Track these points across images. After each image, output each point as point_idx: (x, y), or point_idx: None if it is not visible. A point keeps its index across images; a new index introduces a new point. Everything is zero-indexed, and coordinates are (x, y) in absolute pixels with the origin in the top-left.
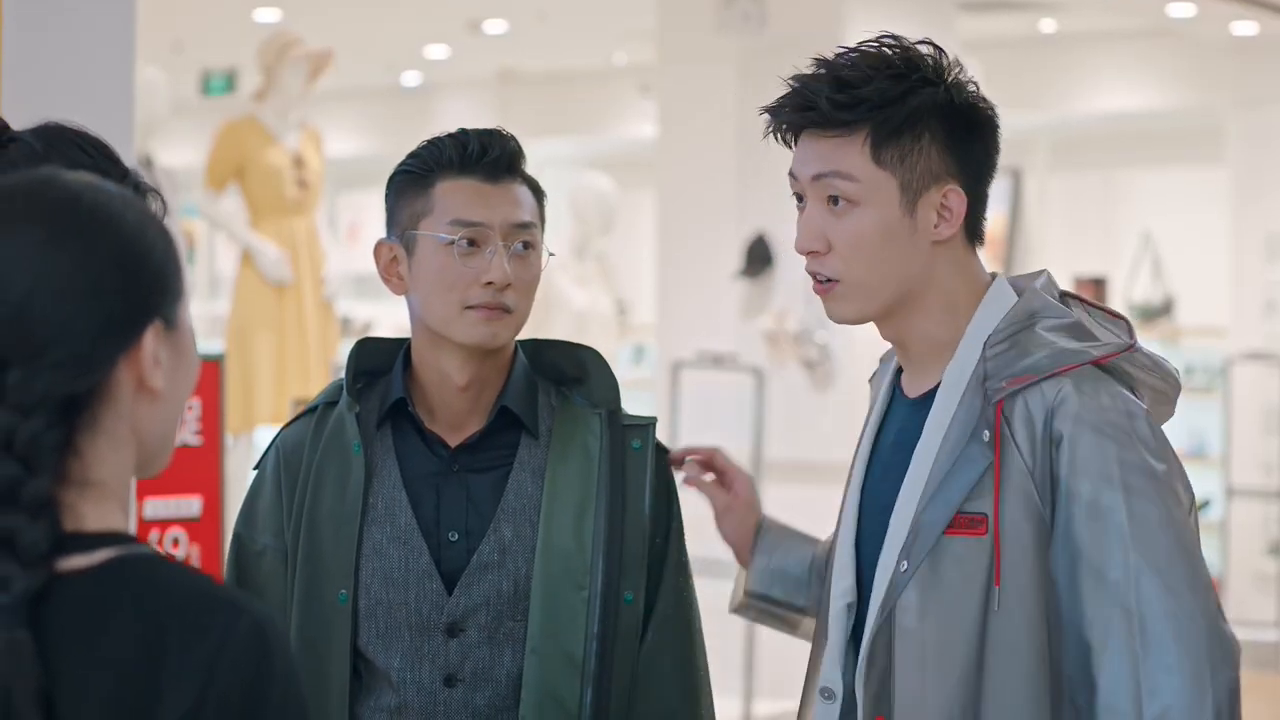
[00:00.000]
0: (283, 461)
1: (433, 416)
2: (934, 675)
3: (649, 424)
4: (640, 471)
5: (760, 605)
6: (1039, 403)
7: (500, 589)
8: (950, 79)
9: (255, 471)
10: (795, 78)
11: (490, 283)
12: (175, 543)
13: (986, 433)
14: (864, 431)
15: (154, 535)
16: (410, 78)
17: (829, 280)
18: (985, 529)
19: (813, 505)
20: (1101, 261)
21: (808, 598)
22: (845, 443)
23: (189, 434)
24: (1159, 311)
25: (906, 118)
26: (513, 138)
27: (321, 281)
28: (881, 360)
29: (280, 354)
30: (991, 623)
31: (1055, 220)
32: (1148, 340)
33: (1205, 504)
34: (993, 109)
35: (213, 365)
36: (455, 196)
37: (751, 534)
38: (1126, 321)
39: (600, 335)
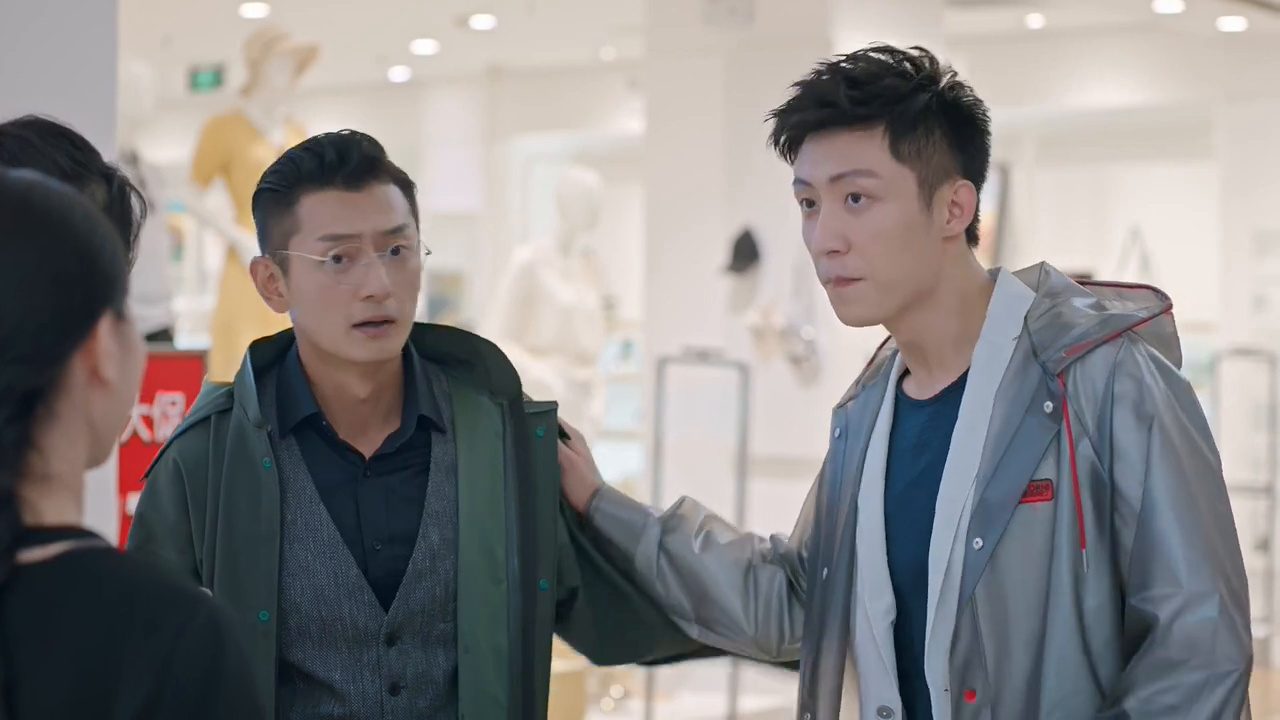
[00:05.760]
0: (185, 477)
1: (337, 424)
2: (1012, 642)
3: (550, 409)
4: (548, 459)
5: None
6: (1098, 366)
7: (434, 595)
8: (947, 81)
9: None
10: (798, 83)
11: (370, 296)
12: None
13: (1049, 404)
14: (865, 444)
15: None
16: (398, 73)
17: (850, 279)
18: (1050, 494)
19: (797, 501)
20: (1089, 256)
21: (631, 569)
22: None
23: (171, 429)
24: None
25: (919, 113)
26: (369, 139)
27: None
28: (864, 382)
29: None
30: (1055, 585)
31: (1043, 215)
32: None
33: None
34: (986, 113)
35: (196, 360)
36: (320, 211)
37: (589, 494)
38: (1150, 289)
39: (586, 330)
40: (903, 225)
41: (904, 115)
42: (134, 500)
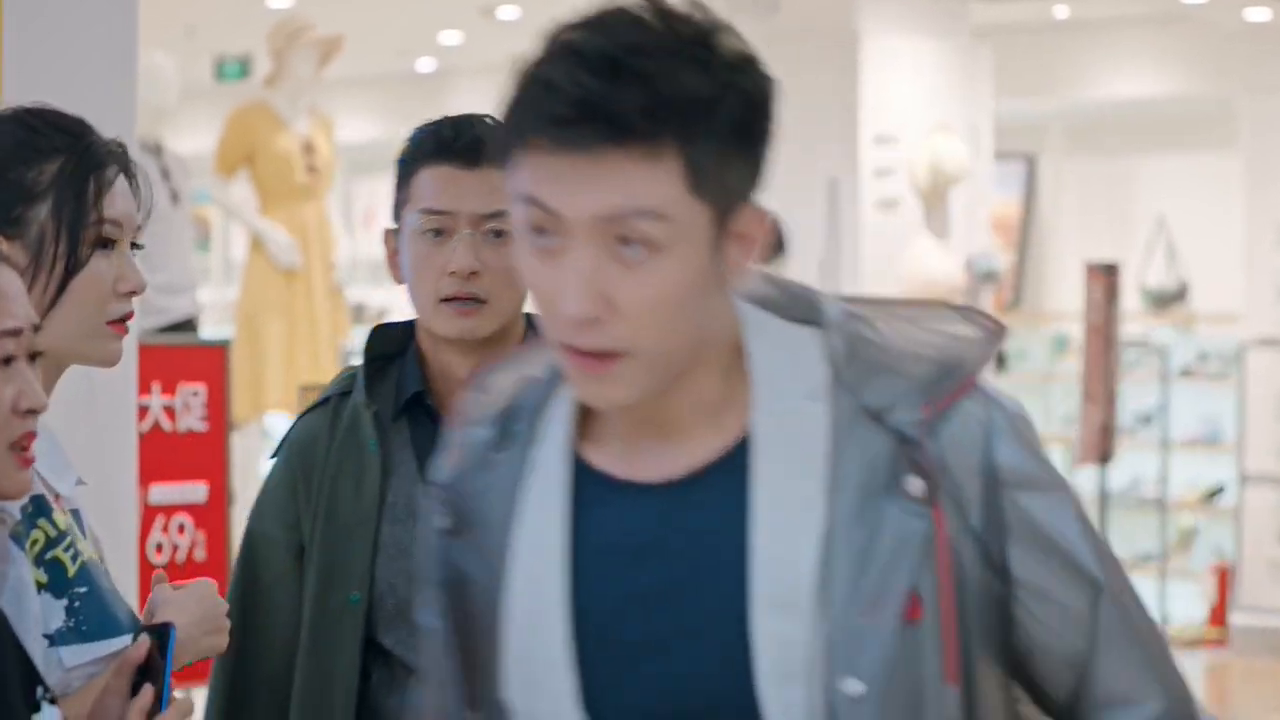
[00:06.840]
0: (296, 455)
1: (447, 406)
2: None
3: None
4: None
5: None
6: (967, 425)
7: None
8: (739, 57)
9: (271, 461)
10: (545, 65)
11: (454, 272)
12: (181, 529)
13: (914, 480)
14: (504, 539)
15: (159, 520)
16: (424, 64)
17: (610, 355)
18: (920, 609)
19: None
20: (1115, 247)
21: None
22: None
23: (195, 420)
24: (1173, 297)
25: (732, 125)
26: (490, 122)
27: (331, 267)
28: (486, 446)
29: (290, 340)
30: None
31: (1069, 206)
32: (1161, 326)
33: (1219, 490)
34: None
35: (218, 351)
36: (428, 184)
37: None
38: (939, 304)
39: None
40: (690, 283)
41: (711, 132)
42: (155, 491)
